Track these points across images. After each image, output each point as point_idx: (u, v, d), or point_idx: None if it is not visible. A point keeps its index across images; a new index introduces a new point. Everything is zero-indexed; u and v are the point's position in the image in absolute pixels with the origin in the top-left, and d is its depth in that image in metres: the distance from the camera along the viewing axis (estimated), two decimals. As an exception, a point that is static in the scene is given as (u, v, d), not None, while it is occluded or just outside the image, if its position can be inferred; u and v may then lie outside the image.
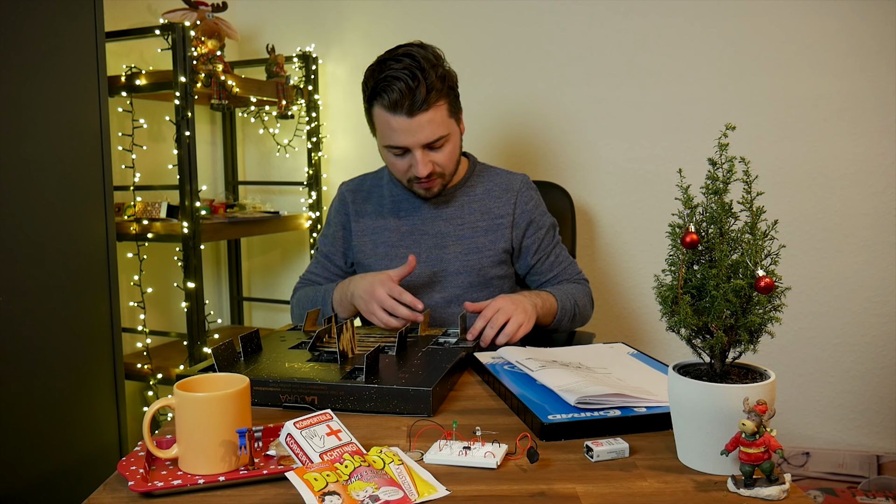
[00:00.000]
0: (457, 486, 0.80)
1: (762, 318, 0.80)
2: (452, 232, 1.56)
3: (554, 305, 1.48)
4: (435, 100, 1.41)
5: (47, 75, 1.44)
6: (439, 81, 1.41)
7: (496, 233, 1.56)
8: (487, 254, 1.55)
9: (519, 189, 1.59)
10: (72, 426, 1.51)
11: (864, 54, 1.98)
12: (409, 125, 1.41)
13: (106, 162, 1.57)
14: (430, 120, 1.41)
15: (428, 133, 1.42)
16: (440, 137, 1.44)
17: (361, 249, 1.61)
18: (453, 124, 1.48)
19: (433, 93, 1.40)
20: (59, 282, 1.47)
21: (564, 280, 1.61)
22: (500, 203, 1.58)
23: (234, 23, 2.31)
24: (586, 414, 0.96)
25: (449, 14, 2.31)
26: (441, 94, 1.42)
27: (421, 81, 1.38)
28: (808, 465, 2.09)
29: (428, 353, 1.22)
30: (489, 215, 1.57)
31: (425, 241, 1.57)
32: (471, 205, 1.58)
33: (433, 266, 1.55)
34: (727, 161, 0.82)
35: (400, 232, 1.58)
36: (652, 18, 2.12)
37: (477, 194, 1.59)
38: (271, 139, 2.53)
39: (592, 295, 1.63)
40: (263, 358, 1.18)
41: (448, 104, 1.45)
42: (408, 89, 1.38)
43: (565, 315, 1.50)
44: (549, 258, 1.60)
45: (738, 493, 0.77)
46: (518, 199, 1.58)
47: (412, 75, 1.38)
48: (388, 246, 1.58)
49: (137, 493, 0.79)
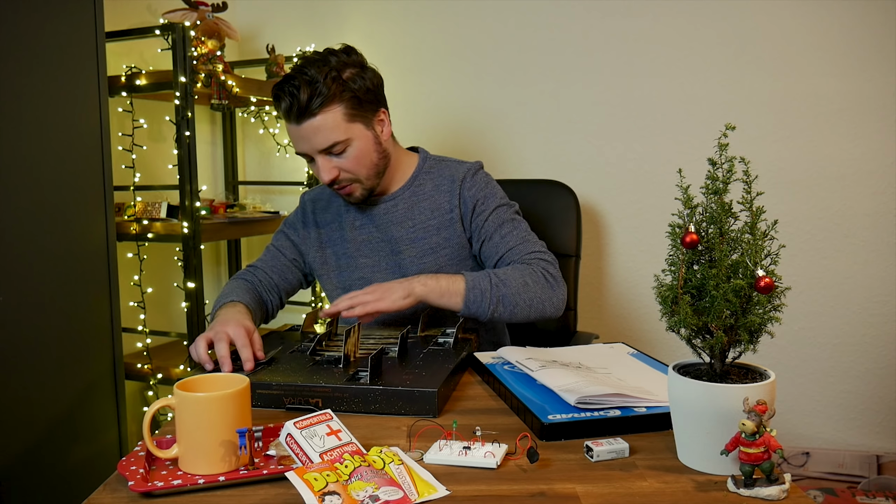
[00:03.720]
0: (457, 486, 0.80)
1: (762, 318, 0.80)
2: (405, 235, 1.50)
3: (461, 287, 1.35)
4: (322, 105, 1.35)
5: (47, 75, 1.44)
6: (328, 86, 1.35)
7: (448, 229, 1.50)
8: (443, 252, 1.50)
9: (463, 177, 1.51)
10: (72, 426, 1.51)
11: (864, 54, 1.98)
12: (299, 132, 1.38)
13: (106, 162, 1.57)
14: (320, 126, 1.36)
15: (320, 139, 1.37)
16: (336, 143, 1.38)
17: (323, 262, 1.57)
18: (356, 128, 1.40)
19: (318, 98, 1.34)
20: (59, 282, 1.47)
21: (512, 262, 1.45)
22: (448, 196, 1.50)
23: (234, 23, 2.31)
24: (586, 414, 0.96)
25: (449, 14, 2.31)
26: (332, 101, 1.36)
27: (303, 87, 1.34)
28: (808, 465, 2.09)
29: (429, 354, 1.22)
30: (439, 211, 1.50)
31: (382, 248, 1.52)
32: (420, 204, 1.51)
33: (393, 273, 1.51)
34: (727, 161, 0.82)
35: (357, 242, 1.54)
36: (652, 18, 2.12)
37: (426, 191, 1.52)
38: (271, 139, 2.53)
39: (554, 273, 1.43)
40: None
41: (345, 109, 1.38)
42: (291, 96, 1.34)
43: (483, 296, 1.34)
44: (491, 240, 1.48)
45: (738, 493, 0.76)
46: (462, 187, 1.50)
47: (297, 87, 1.34)
48: (348, 257, 1.54)
49: (137, 493, 0.79)
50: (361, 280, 1.53)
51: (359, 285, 1.50)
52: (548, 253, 1.47)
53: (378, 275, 1.51)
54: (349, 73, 1.39)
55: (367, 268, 1.53)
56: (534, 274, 1.40)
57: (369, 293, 1.31)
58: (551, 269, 1.43)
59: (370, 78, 1.42)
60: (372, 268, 1.53)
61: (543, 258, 1.45)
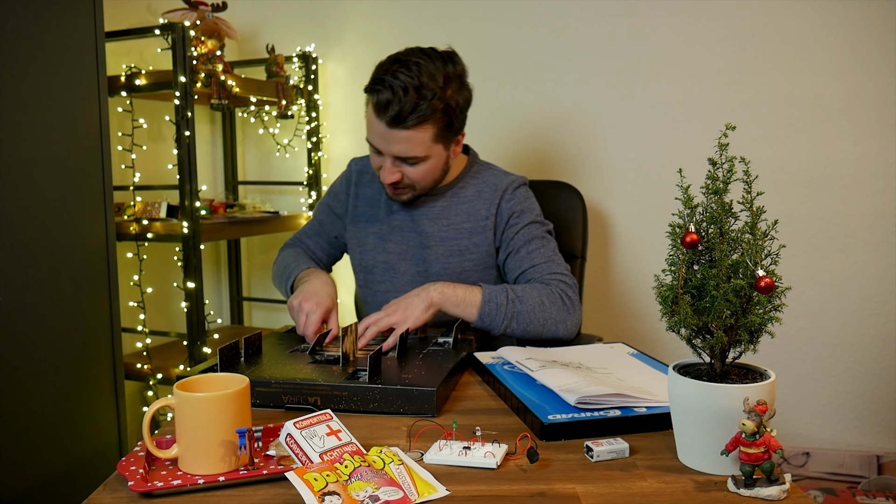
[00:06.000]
0: (457, 486, 0.80)
1: (762, 318, 0.80)
2: (437, 232, 1.51)
3: (478, 298, 1.35)
4: (418, 122, 1.33)
5: (47, 75, 1.44)
6: (433, 107, 1.33)
7: (480, 235, 1.51)
8: (470, 257, 1.51)
9: (506, 188, 1.51)
10: (72, 426, 1.51)
11: (864, 54, 1.98)
12: (385, 133, 1.36)
13: (106, 162, 1.57)
14: (408, 139, 1.35)
15: (401, 149, 1.37)
16: (415, 157, 1.38)
17: (354, 235, 1.59)
18: (437, 149, 1.41)
19: (418, 115, 1.32)
20: (59, 282, 1.47)
21: (532, 280, 1.46)
22: (487, 204, 1.51)
23: (234, 23, 2.31)
24: (586, 414, 0.96)
25: (449, 14, 2.31)
26: (429, 120, 1.34)
27: (411, 100, 1.31)
28: (808, 465, 2.09)
29: (429, 354, 1.22)
30: (476, 217, 1.51)
31: (412, 239, 1.53)
32: (459, 206, 1.52)
33: (417, 265, 1.52)
34: (727, 161, 0.82)
35: (391, 226, 1.55)
36: (653, 18, 2.12)
37: (467, 195, 1.53)
38: (271, 139, 2.53)
39: (572, 297, 1.43)
40: (264, 360, 1.18)
41: (437, 130, 1.37)
42: (395, 101, 1.31)
43: (498, 311, 1.34)
44: (518, 254, 1.48)
45: (738, 493, 0.76)
46: (503, 198, 1.50)
47: (405, 90, 1.31)
48: (378, 237, 1.56)
49: (137, 493, 0.79)
50: (385, 266, 1.54)
51: (380, 270, 1.54)
52: (570, 276, 1.47)
53: (402, 264, 1.53)
54: (452, 90, 1.37)
55: (393, 254, 1.53)
56: (551, 295, 1.40)
57: (391, 314, 1.31)
58: (570, 293, 1.43)
59: (465, 98, 1.42)
60: (398, 255, 1.54)
61: (564, 280, 1.45)
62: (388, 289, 1.55)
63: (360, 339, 1.27)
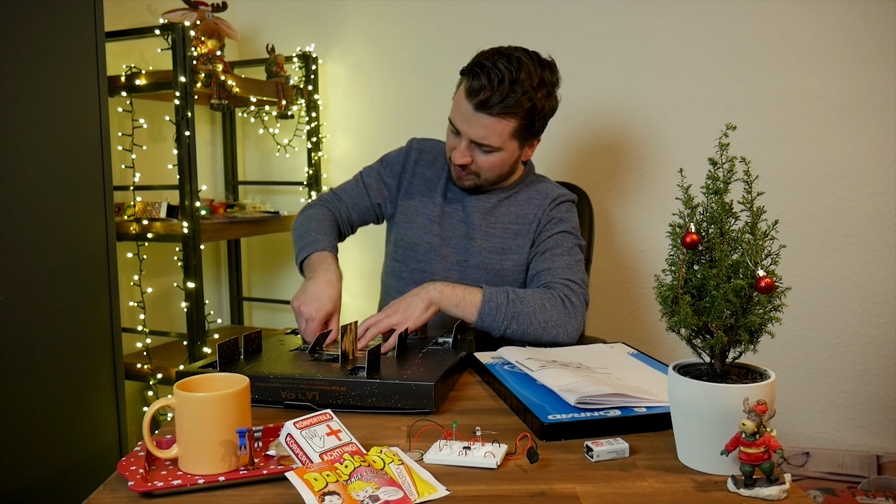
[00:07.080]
0: (457, 486, 0.80)
1: (762, 318, 0.80)
2: (485, 227, 1.55)
3: (477, 299, 1.36)
4: (503, 113, 1.39)
5: (47, 75, 1.44)
6: (521, 103, 1.39)
7: (524, 237, 1.54)
8: (510, 257, 1.54)
9: (555, 198, 1.57)
10: (72, 426, 1.51)
11: (864, 54, 1.98)
12: (470, 115, 1.41)
13: (106, 162, 1.57)
14: (489, 126, 1.41)
15: (480, 133, 1.42)
16: (489, 145, 1.43)
17: (404, 210, 1.61)
18: (512, 144, 1.46)
19: (505, 106, 1.38)
20: (58, 282, 1.47)
21: (544, 282, 1.47)
22: (536, 210, 1.56)
23: (234, 23, 2.31)
24: (586, 414, 0.96)
25: (449, 14, 2.31)
26: (514, 114, 1.40)
27: (503, 90, 1.37)
28: (808, 465, 2.09)
29: (428, 353, 1.22)
30: (524, 220, 1.55)
31: (460, 228, 1.57)
32: (510, 207, 1.57)
33: (458, 254, 1.56)
34: (727, 161, 0.82)
35: (443, 210, 1.58)
36: (652, 18, 2.12)
37: (520, 199, 1.58)
38: (271, 139, 2.53)
39: (574, 301, 1.42)
40: (263, 357, 1.18)
41: (517, 126, 1.43)
42: (489, 86, 1.37)
43: (498, 311, 1.35)
44: (541, 256, 1.51)
45: (738, 493, 0.76)
46: (550, 207, 1.56)
47: (500, 78, 1.37)
48: (426, 217, 1.58)
49: (137, 493, 0.79)
50: (427, 246, 1.56)
51: (423, 249, 1.56)
52: (580, 285, 1.46)
53: (445, 248, 1.55)
54: (542, 94, 1.42)
55: (438, 237, 1.56)
56: (553, 298, 1.40)
57: (391, 316, 1.32)
58: (572, 297, 1.42)
59: (552, 106, 1.47)
60: (443, 239, 1.56)
61: (569, 285, 1.45)
62: (424, 268, 1.57)
63: (359, 339, 1.27)
